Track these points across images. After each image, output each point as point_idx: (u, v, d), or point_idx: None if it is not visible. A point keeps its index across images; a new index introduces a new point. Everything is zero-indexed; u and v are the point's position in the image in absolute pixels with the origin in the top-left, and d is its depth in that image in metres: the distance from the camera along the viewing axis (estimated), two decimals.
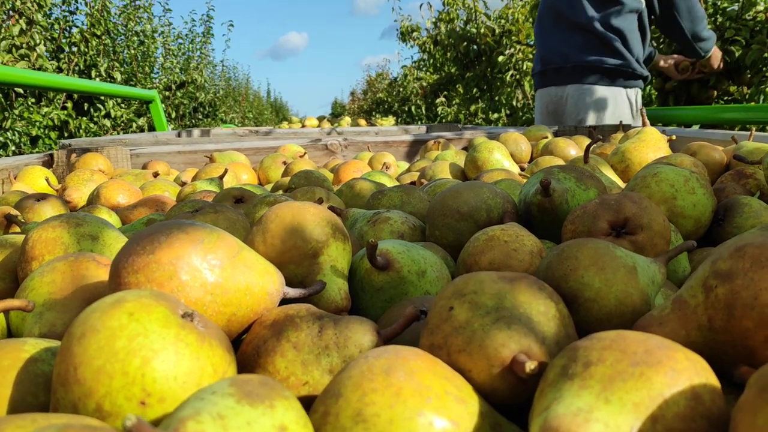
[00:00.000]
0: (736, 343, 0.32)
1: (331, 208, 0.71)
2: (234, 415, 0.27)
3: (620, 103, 2.08)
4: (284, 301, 0.46)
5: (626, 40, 2.02)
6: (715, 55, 2.28)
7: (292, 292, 0.45)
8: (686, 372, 0.27)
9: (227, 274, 0.40)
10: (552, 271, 0.41)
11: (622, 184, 0.91)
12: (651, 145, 0.98)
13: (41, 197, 0.89)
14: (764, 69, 2.66)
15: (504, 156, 1.14)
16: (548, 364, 0.32)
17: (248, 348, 0.40)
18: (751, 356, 0.31)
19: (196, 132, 2.39)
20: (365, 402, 0.30)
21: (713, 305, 0.33)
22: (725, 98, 2.93)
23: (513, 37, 4.80)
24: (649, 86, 3.24)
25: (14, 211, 0.78)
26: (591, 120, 2.07)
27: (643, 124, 1.11)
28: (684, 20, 2.00)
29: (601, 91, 2.06)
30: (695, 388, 0.27)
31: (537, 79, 2.27)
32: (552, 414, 0.27)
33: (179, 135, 2.32)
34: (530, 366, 0.32)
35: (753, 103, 2.65)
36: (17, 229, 0.78)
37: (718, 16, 2.71)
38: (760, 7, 2.60)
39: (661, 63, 2.34)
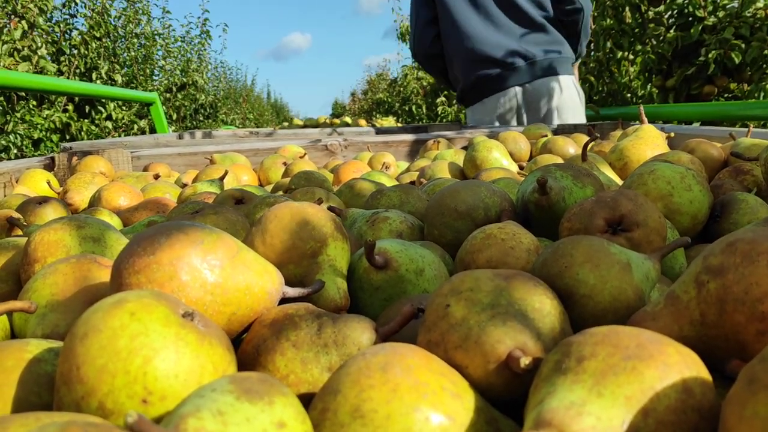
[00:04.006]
0: (728, 337, 0.32)
1: (330, 208, 0.72)
2: (233, 411, 0.27)
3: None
4: (284, 301, 0.46)
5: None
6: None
7: (292, 292, 0.45)
8: (677, 366, 0.28)
9: (227, 274, 0.41)
10: (547, 268, 0.42)
11: (620, 182, 0.91)
12: (649, 142, 0.98)
13: (43, 200, 0.90)
14: (764, 66, 2.67)
15: (503, 155, 1.14)
16: (543, 360, 0.33)
17: (248, 347, 0.41)
18: (743, 350, 0.32)
19: (198, 134, 2.40)
20: (363, 398, 0.30)
21: (705, 300, 0.33)
22: (725, 95, 2.93)
23: None
24: (650, 84, 3.24)
25: (16, 214, 0.79)
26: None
27: (641, 122, 1.12)
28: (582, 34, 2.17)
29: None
30: (686, 382, 0.28)
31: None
32: (545, 408, 0.27)
33: (180, 137, 2.33)
34: (525, 361, 0.32)
35: (753, 100, 2.65)
36: (20, 232, 0.78)
37: (717, 12, 2.71)
38: (760, 4, 2.61)
39: None
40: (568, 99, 2.13)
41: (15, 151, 3.39)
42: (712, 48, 2.62)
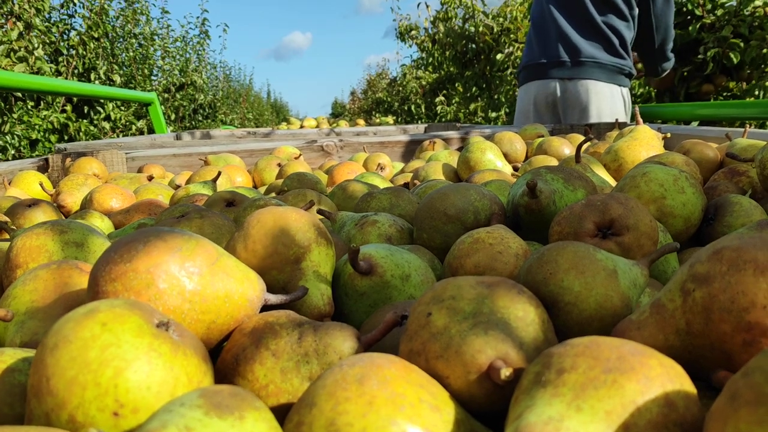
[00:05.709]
0: (714, 347, 0.31)
1: (320, 212, 0.71)
2: (201, 427, 0.26)
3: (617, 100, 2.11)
4: (266, 308, 0.45)
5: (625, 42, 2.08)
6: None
7: (274, 299, 0.44)
8: (659, 378, 0.27)
9: (206, 281, 0.40)
10: (532, 274, 0.41)
11: (614, 184, 0.90)
12: (644, 143, 0.98)
13: (33, 203, 0.89)
14: (763, 65, 2.66)
15: (497, 156, 1.13)
16: (524, 371, 0.32)
17: (228, 356, 0.40)
18: (729, 360, 0.31)
19: (198, 133, 2.39)
20: (338, 411, 0.29)
21: (691, 309, 0.32)
22: (724, 94, 2.93)
23: (511, 35, 4.80)
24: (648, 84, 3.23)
25: (3, 218, 0.78)
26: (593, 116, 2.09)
27: (636, 123, 1.11)
28: (658, 35, 2.12)
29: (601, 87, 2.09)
30: (668, 395, 0.27)
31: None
32: (523, 423, 0.26)
33: (178, 137, 2.32)
34: (506, 372, 0.31)
35: (751, 99, 2.65)
36: (7, 236, 0.78)
37: (716, 11, 2.70)
38: (759, 3, 2.60)
39: None
40: (608, 108, 2.09)
41: (12, 151, 3.38)
42: (710, 46, 2.61)
